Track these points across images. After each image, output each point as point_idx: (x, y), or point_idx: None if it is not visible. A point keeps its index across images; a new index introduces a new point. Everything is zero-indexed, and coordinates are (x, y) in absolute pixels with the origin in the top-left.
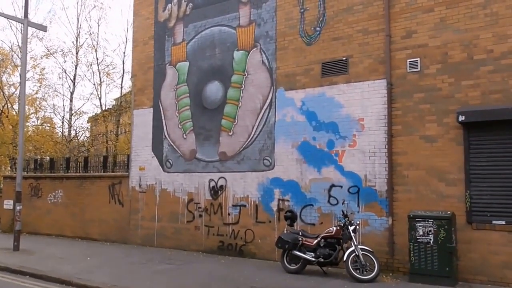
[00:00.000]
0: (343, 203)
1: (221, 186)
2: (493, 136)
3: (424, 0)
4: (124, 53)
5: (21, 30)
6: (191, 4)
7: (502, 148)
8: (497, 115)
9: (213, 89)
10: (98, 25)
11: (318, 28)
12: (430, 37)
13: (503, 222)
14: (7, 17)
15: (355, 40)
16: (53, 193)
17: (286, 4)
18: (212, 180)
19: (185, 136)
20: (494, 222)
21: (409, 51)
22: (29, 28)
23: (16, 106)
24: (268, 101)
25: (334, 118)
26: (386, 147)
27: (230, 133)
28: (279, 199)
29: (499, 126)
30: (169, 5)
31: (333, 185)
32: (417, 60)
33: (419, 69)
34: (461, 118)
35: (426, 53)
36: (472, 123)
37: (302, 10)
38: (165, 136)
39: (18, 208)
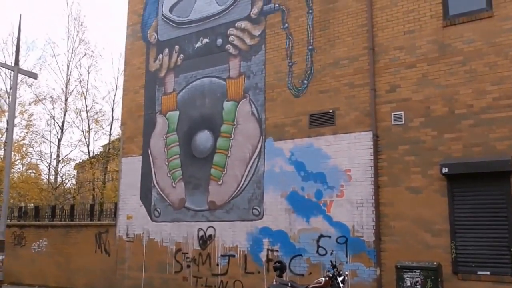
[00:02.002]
0: (331, 254)
1: (210, 236)
2: (475, 188)
3: (407, 57)
4: (113, 100)
5: (10, 76)
6: (182, 55)
7: (484, 199)
8: (479, 168)
9: (203, 138)
10: (88, 73)
11: (305, 81)
12: (413, 92)
13: (488, 273)
14: None
15: (341, 93)
16: (38, 242)
17: (275, 57)
18: (201, 229)
19: (174, 185)
20: (479, 272)
21: (394, 105)
22: (19, 75)
23: (1, 152)
24: (257, 151)
25: (322, 168)
26: (373, 197)
27: (220, 182)
28: (268, 249)
29: (481, 178)
30: (161, 56)
31: (321, 235)
32: (401, 113)
33: (403, 122)
34: (444, 170)
35: (409, 107)
36: (455, 175)
37: (290, 64)
38: (154, 184)
39: (0, 258)
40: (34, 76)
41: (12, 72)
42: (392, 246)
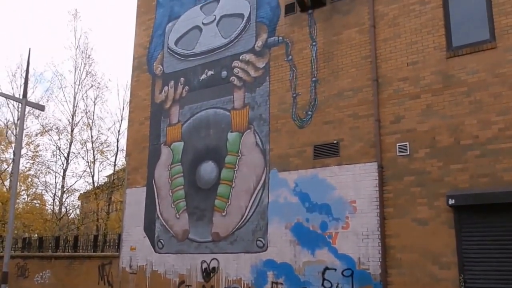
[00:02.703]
0: (337, 287)
1: (214, 268)
2: (484, 220)
3: (411, 88)
4: (118, 131)
5: (18, 108)
6: (187, 87)
7: (493, 231)
8: (487, 199)
9: (207, 169)
10: (94, 104)
11: (310, 112)
12: (418, 122)
13: None
14: (6, 96)
15: (346, 124)
16: (41, 274)
17: (279, 89)
18: (205, 261)
19: (178, 216)
20: None
21: (398, 136)
22: (26, 106)
23: (7, 183)
24: (262, 181)
25: (327, 199)
26: (379, 229)
27: (224, 213)
28: (272, 282)
29: (489, 210)
30: (166, 88)
31: (327, 268)
32: (406, 144)
33: (408, 153)
34: (451, 201)
35: (414, 138)
36: (462, 206)
37: (294, 95)
38: (157, 215)
39: None
40: (41, 108)
41: (20, 104)
42: (399, 279)
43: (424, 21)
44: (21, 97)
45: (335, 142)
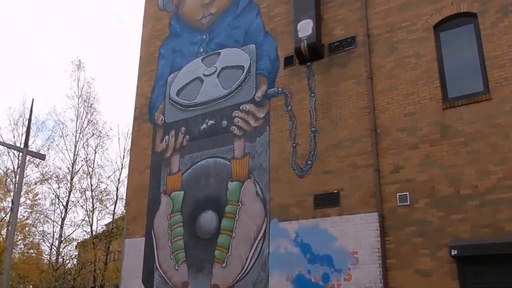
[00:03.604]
0: None
1: None
2: (487, 271)
3: (409, 138)
4: (118, 179)
5: (18, 156)
6: (188, 136)
7: (497, 282)
8: (489, 250)
9: (207, 218)
10: (95, 152)
11: (309, 162)
12: (417, 172)
13: None
14: (8, 146)
15: (345, 174)
16: None
17: (279, 138)
18: None
19: (177, 267)
20: None
21: (398, 185)
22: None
23: (4, 231)
24: (262, 231)
25: (328, 250)
26: (382, 281)
27: (224, 265)
28: None
29: (492, 261)
30: (167, 137)
31: None
32: (406, 194)
33: (409, 203)
34: (454, 252)
35: (414, 188)
36: (465, 257)
37: (294, 145)
38: (156, 266)
39: None
40: (42, 157)
41: (21, 153)
42: None
43: (420, 73)
44: (22, 145)
45: (335, 191)
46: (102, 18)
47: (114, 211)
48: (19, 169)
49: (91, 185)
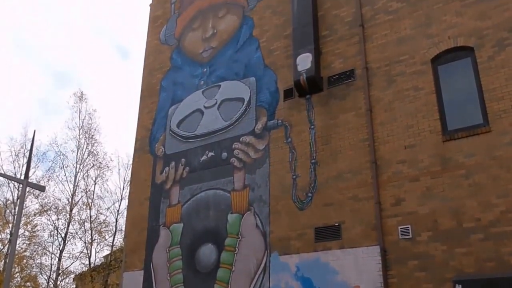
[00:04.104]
0: None
1: None
2: None
3: (410, 170)
4: (118, 211)
5: (18, 187)
6: (187, 168)
7: None
8: (495, 285)
9: (207, 251)
10: (95, 183)
11: (310, 194)
12: (419, 205)
13: None
14: (8, 177)
15: (346, 206)
16: None
17: (279, 170)
18: None
19: None
20: None
21: (400, 218)
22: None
23: (1, 264)
24: (262, 265)
25: (330, 285)
26: None
27: None
28: None
29: None
30: (167, 168)
31: None
32: (408, 227)
33: (411, 236)
34: (458, 287)
35: (416, 220)
36: None
37: (294, 177)
38: None
39: None
40: (42, 189)
41: (21, 184)
42: None
43: (419, 106)
44: (22, 177)
45: (336, 224)
46: (104, 51)
47: (113, 243)
48: (18, 200)
49: (90, 216)
